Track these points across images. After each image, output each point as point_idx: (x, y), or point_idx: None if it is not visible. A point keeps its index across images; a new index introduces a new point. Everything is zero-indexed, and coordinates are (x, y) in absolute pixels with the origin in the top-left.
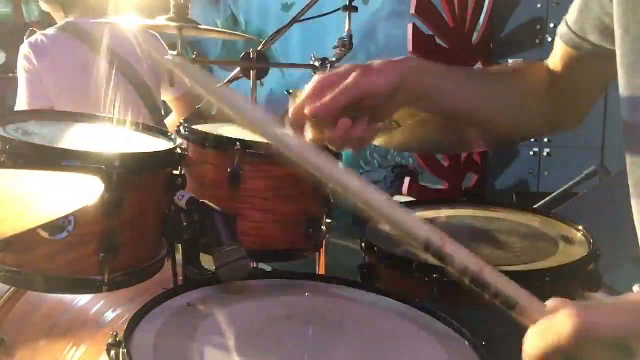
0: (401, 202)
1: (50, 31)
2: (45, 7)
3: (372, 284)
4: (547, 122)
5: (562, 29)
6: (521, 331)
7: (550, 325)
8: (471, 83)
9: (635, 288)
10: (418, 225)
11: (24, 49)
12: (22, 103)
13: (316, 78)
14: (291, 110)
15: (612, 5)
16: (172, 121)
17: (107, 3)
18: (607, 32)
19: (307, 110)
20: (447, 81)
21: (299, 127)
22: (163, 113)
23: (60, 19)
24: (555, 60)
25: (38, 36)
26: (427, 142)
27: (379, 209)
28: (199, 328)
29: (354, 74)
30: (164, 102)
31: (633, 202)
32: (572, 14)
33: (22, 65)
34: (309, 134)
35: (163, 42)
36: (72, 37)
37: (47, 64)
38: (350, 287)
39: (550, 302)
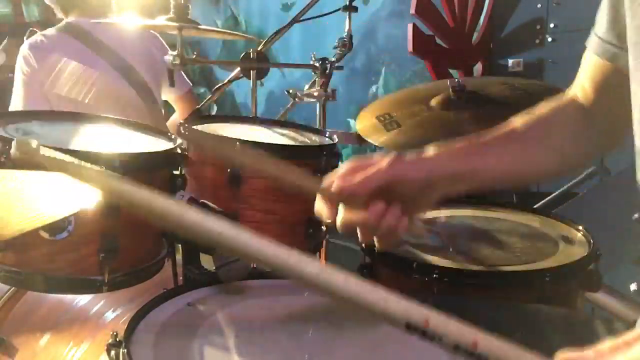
0: None
1: (50, 31)
2: (50, 2)
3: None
4: (585, 157)
5: (593, 43)
6: (524, 326)
7: None
8: (503, 153)
9: (632, 286)
10: (396, 305)
11: (24, 50)
12: (17, 105)
13: (349, 161)
14: (323, 185)
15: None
16: (174, 121)
17: (109, 3)
18: None
19: (334, 187)
20: (479, 161)
21: (331, 205)
22: (163, 113)
23: (63, 17)
24: (585, 86)
25: (38, 37)
26: (427, 142)
27: (352, 295)
28: (199, 328)
29: (387, 160)
30: (166, 101)
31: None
32: (601, 26)
33: (20, 66)
34: (340, 213)
35: (164, 42)
36: (72, 38)
37: (47, 65)
38: None
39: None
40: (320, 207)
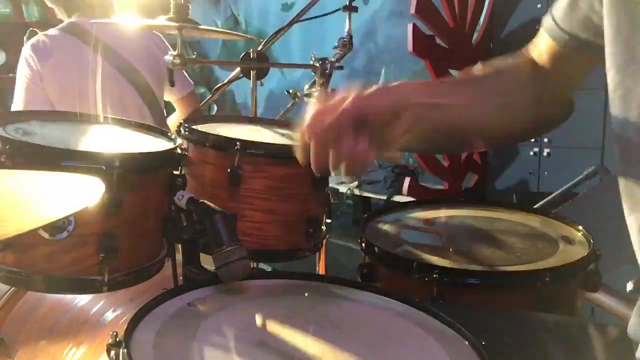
0: (401, 202)
1: (51, 32)
2: (51, 3)
3: (372, 284)
4: (534, 116)
5: (548, 23)
6: (521, 332)
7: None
8: (460, 93)
9: (628, 285)
10: None
11: (26, 51)
12: (18, 105)
13: (314, 106)
14: (300, 139)
15: (601, 4)
16: (173, 121)
17: (110, 3)
18: (596, 30)
19: (308, 136)
20: (439, 95)
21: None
22: (165, 113)
23: (64, 18)
24: (540, 51)
25: (39, 37)
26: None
27: None
28: (199, 328)
29: (352, 95)
30: (167, 102)
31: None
32: (558, 10)
33: (21, 68)
34: (314, 157)
35: (165, 42)
36: (74, 38)
37: (49, 66)
38: (350, 287)
39: None
40: (302, 157)
